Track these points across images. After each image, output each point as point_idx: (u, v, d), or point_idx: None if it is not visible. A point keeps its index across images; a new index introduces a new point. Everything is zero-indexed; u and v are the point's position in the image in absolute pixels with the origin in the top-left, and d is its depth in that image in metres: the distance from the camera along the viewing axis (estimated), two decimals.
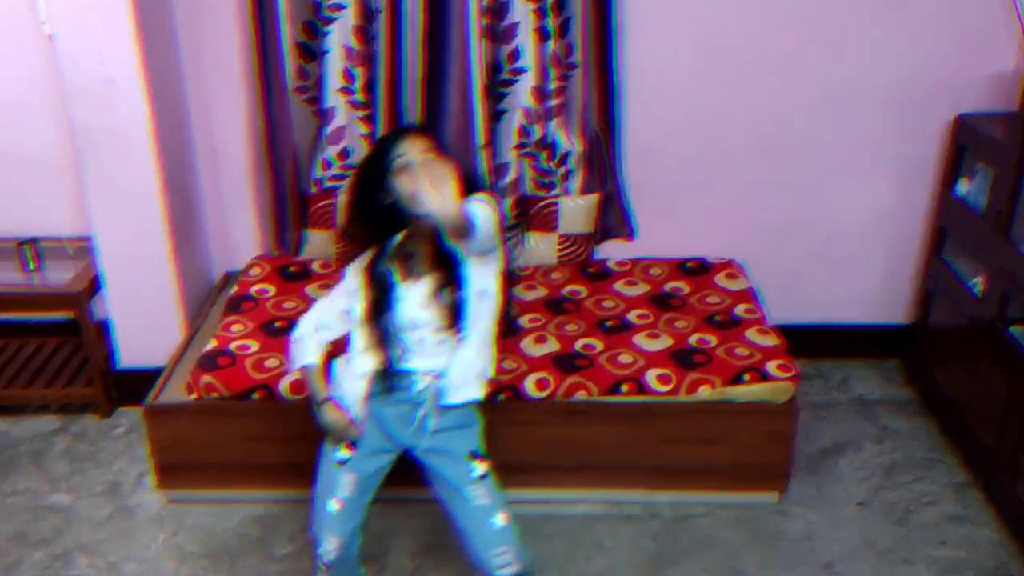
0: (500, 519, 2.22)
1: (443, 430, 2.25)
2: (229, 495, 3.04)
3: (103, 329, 3.43)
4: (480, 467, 2.27)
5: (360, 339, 2.22)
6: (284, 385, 2.88)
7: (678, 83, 3.41)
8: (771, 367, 2.92)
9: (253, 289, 3.37)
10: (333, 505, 2.28)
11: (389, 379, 2.21)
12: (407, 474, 2.97)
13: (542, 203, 3.50)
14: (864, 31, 3.32)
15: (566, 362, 2.96)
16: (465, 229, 1.91)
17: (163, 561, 2.83)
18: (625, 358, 2.98)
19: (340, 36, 3.25)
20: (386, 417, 2.25)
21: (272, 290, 3.37)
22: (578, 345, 3.05)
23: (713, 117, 3.46)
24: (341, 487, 2.28)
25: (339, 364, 2.29)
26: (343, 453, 2.28)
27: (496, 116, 3.41)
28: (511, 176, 3.47)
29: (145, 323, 3.37)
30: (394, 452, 2.33)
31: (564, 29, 3.26)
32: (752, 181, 3.55)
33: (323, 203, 3.50)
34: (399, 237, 2.18)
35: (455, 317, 2.14)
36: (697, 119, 3.46)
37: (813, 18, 3.30)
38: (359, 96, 3.35)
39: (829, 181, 3.56)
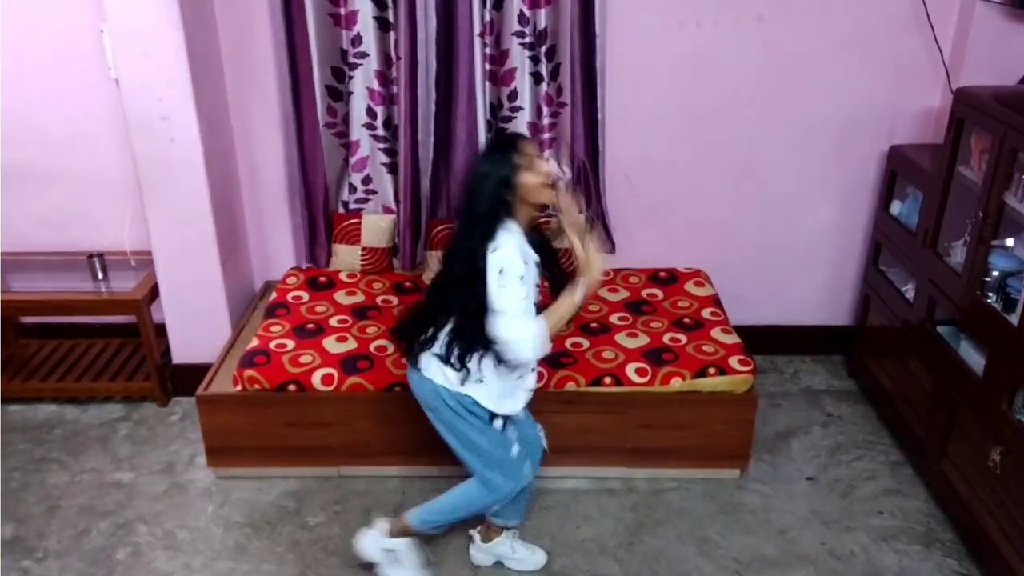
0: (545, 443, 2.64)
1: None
2: (268, 472, 3.04)
3: (160, 330, 3.43)
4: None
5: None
6: (315, 379, 2.89)
7: (652, 118, 3.42)
8: (732, 362, 2.93)
9: (289, 296, 3.36)
10: (516, 448, 2.42)
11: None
12: (418, 453, 3.00)
13: (538, 220, 3.50)
14: (816, 71, 3.34)
15: (554, 359, 2.95)
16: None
17: (212, 529, 2.83)
18: (608, 354, 2.99)
19: (364, 79, 3.27)
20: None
21: (305, 297, 3.36)
22: (567, 344, 3.06)
23: (683, 147, 3.47)
24: (512, 438, 2.42)
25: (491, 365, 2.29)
26: (498, 424, 2.39)
27: None
28: None
29: (195, 325, 3.37)
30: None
31: (555, 74, 3.27)
32: (718, 202, 3.55)
33: (349, 222, 3.51)
34: (523, 229, 2.25)
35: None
36: (669, 149, 3.47)
37: (773, 58, 3.32)
38: (380, 131, 3.36)
39: (784, 201, 3.57)
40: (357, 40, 3.19)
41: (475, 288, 2.16)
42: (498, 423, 2.38)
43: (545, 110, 3.30)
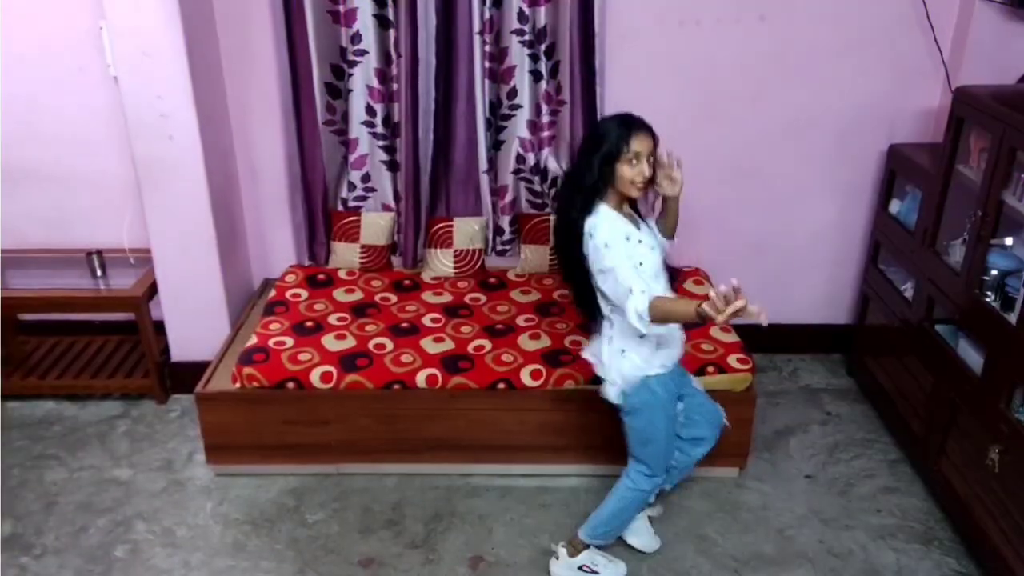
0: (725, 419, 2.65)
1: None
2: (267, 470, 3.04)
3: (159, 328, 3.42)
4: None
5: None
6: (314, 376, 2.89)
7: (651, 116, 3.41)
8: (732, 360, 2.93)
9: (288, 294, 3.37)
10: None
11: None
12: (417, 451, 3.00)
13: (535, 219, 3.51)
14: (816, 71, 3.35)
15: (553, 357, 2.97)
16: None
17: (211, 526, 2.83)
18: None
19: (363, 77, 3.27)
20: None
21: (304, 294, 3.37)
22: (566, 341, 3.07)
23: (682, 146, 3.45)
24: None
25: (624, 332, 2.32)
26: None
27: (497, 145, 3.42)
28: (509, 196, 3.48)
29: (195, 322, 3.37)
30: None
31: (554, 71, 3.27)
32: (718, 201, 3.55)
33: (348, 219, 3.51)
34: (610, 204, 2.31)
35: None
36: (668, 147, 3.46)
37: (773, 59, 3.32)
38: (380, 128, 3.36)
39: (784, 201, 3.57)
40: (356, 38, 3.20)
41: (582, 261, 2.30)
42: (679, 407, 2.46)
43: (544, 108, 3.31)
